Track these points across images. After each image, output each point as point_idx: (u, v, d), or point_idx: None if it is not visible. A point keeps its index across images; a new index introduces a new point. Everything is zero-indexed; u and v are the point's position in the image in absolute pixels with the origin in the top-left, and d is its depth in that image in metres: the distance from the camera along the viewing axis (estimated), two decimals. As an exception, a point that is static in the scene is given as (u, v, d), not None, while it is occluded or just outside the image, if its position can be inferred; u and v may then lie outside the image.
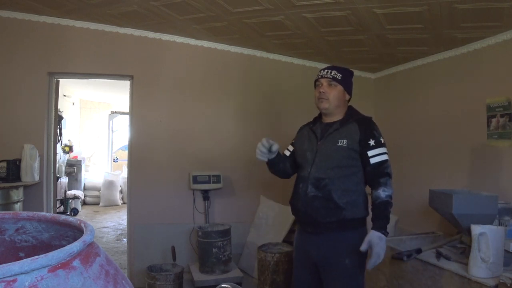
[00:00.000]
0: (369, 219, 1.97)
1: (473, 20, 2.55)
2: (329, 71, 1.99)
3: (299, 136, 2.16)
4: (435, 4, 2.35)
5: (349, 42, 3.32)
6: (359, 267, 1.89)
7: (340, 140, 1.89)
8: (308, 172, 1.94)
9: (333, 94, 1.96)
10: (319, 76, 2.02)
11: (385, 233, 1.78)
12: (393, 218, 3.51)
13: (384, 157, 1.89)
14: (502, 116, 2.72)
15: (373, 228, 1.80)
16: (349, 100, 2.07)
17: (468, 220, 2.27)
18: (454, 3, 2.30)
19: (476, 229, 2.03)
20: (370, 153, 1.86)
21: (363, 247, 1.77)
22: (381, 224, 1.79)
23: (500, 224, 2.32)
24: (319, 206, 1.87)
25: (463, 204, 2.31)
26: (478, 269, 1.98)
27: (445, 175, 3.23)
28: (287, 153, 2.19)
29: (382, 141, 1.90)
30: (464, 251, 2.33)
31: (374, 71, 4.25)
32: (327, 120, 2.03)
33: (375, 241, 1.75)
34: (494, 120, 2.78)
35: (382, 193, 1.83)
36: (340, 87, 1.97)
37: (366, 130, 1.90)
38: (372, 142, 1.87)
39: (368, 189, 2.00)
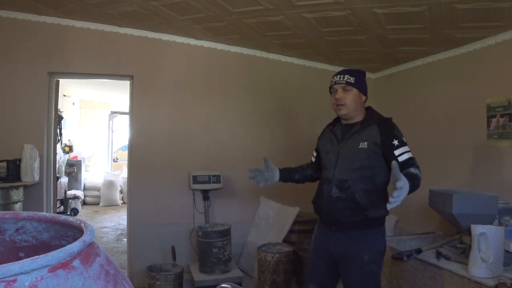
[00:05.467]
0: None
1: (473, 20, 2.55)
2: (342, 76, 2.01)
3: (322, 138, 2.21)
4: (435, 4, 2.35)
5: (349, 42, 3.32)
6: (377, 264, 1.92)
7: (361, 143, 1.93)
8: (331, 174, 1.99)
9: (349, 98, 1.98)
10: (333, 83, 2.04)
11: (410, 188, 1.63)
12: (393, 218, 3.52)
13: (410, 154, 1.89)
14: (502, 116, 2.72)
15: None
16: (365, 101, 2.09)
17: (468, 220, 2.27)
18: (454, 3, 2.30)
19: (476, 229, 2.03)
20: (396, 152, 1.86)
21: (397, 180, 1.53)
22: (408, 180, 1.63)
23: (500, 224, 2.33)
24: (343, 207, 1.92)
25: (463, 204, 2.31)
26: (478, 269, 1.98)
27: (445, 175, 3.23)
28: (312, 159, 2.30)
29: (405, 141, 1.91)
30: (464, 251, 2.33)
31: (374, 71, 4.25)
32: (347, 122, 2.06)
33: (403, 178, 1.55)
34: (494, 120, 2.78)
35: (414, 170, 1.77)
36: (355, 90, 2.00)
37: (387, 132, 1.91)
38: (396, 142, 1.88)
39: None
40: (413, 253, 2.39)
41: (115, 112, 9.23)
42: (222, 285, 1.78)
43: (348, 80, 1.99)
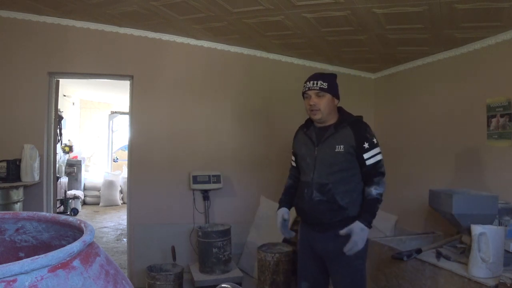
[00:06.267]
0: None
1: (473, 20, 2.55)
2: (315, 82, 2.06)
3: (296, 141, 2.26)
4: (435, 4, 2.35)
5: (349, 42, 3.32)
6: (362, 259, 2.04)
7: (337, 146, 2.01)
8: (311, 178, 2.06)
9: (323, 104, 2.04)
10: (306, 88, 2.09)
11: (369, 226, 1.93)
12: (393, 218, 3.52)
13: (379, 157, 2.01)
14: (502, 116, 2.72)
15: (358, 219, 1.95)
16: (337, 103, 2.14)
17: (468, 220, 2.27)
18: (454, 3, 2.30)
19: (476, 229, 2.03)
20: (365, 155, 1.99)
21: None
22: (366, 218, 1.94)
23: (500, 224, 2.33)
24: (325, 209, 2.01)
25: (463, 204, 2.31)
26: (478, 269, 1.98)
27: (445, 175, 3.23)
28: (293, 163, 2.33)
29: (375, 142, 2.02)
30: (464, 251, 2.33)
31: (374, 71, 4.25)
32: (321, 125, 2.11)
33: (356, 230, 1.91)
34: (494, 120, 2.78)
35: (374, 191, 1.97)
36: (328, 96, 2.05)
37: (359, 133, 2.01)
38: (366, 145, 1.99)
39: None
40: (413, 253, 2.39)
41: (115, 112, 9.22)
42: (222, 285, 1.78)
43: (322, 86, 2.03)
